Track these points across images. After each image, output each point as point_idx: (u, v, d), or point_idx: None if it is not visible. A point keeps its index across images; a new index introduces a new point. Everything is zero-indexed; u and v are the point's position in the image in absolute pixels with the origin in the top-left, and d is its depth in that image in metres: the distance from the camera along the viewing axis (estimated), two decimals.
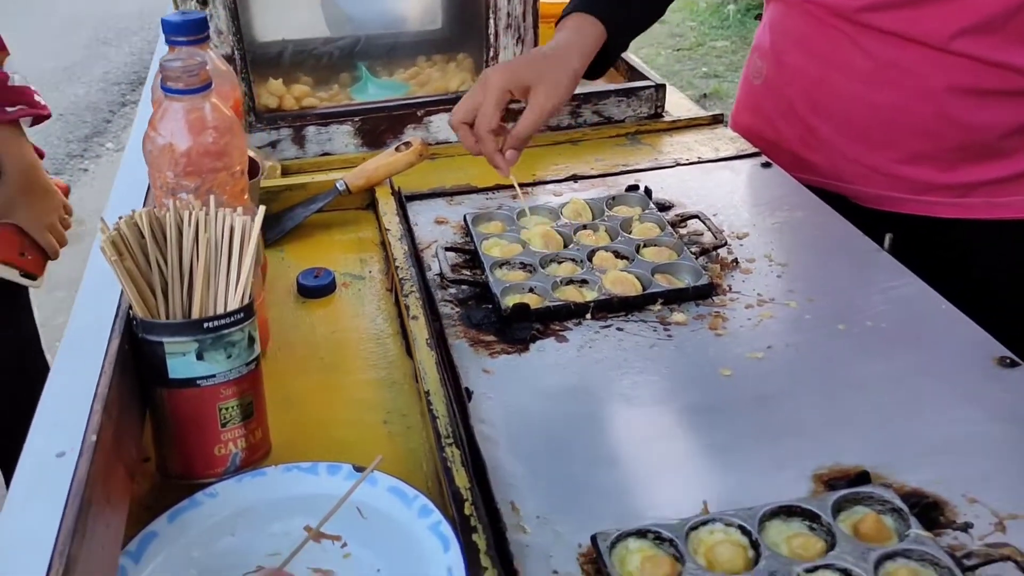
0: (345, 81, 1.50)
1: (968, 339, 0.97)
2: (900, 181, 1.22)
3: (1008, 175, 1.17)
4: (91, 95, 5.17)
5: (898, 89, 1.16)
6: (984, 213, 1.20)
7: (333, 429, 0.89)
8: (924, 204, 1.22)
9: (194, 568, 0.72)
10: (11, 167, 1.45)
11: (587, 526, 0.74)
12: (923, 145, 1.18)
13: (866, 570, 0.67)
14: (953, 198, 1.21)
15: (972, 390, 0.89)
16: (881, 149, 1.22)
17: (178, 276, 0.75)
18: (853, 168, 1.25)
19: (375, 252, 1.20)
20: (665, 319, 1.03)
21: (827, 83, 1.23)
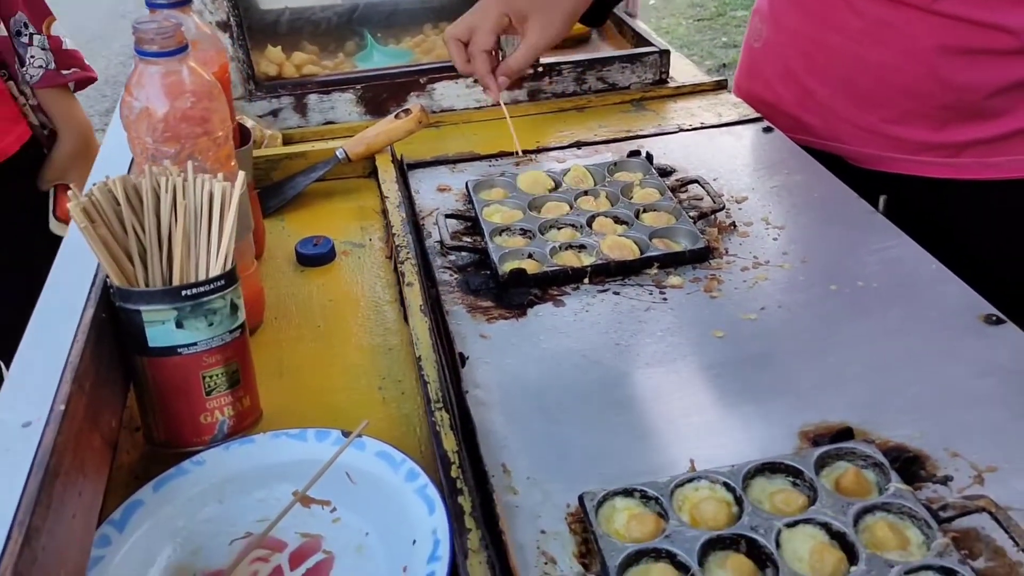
0: (350, 49, 1.45)
1: (956, 297, 0.92)
2: (893, 141, 1.17)
3: (998, 135, 1.12)
4: (110, 69, 5.05)
5: (889, 48, 1.11)
6: (975, 173, 1.15)
7: (327, 395, 0.85)
8: (917, 164, 1.17)
9: (179, 536, 0.69)
10: (68, 129, 1.47)
11: (576, 487, 0.71)
12: (913, 104, 1.13)
13: (845, 523, 0.64)
14: (945, 158, 1.15)
15: (958, 347, 0.85)
16: (874, 109, 1.17)
17: (156, 243, 0.70)
18: (848, 129, 1.20)
19: (376, 220, 1.16)
20: (661, 283, 0.98)
21: (822, 43, 1.18)
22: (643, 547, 0.64)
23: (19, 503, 0.49)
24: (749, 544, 0.64)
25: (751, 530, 0.64)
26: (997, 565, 0.62)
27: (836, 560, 0.62)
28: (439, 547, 0.62)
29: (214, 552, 0.68)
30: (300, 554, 0.68)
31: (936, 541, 0.61)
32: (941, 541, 0.61)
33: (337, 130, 1.33)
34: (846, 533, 0.63)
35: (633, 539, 0.65)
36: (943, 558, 0.60)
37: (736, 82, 1.41)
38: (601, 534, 0.65)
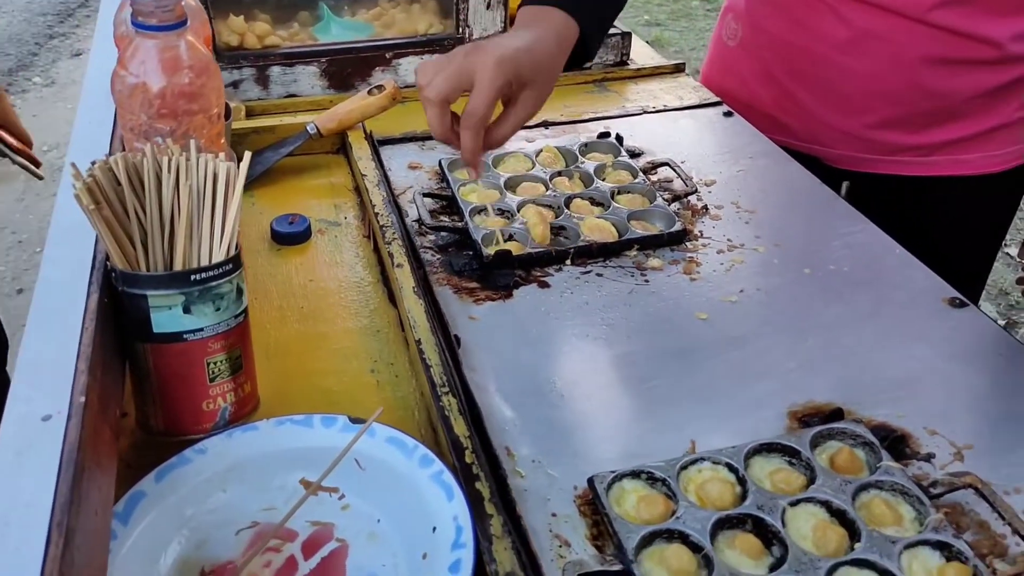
0: (306, 20, 1.40)
1: (921, 282, 0.96)
2: (872, 144, 1.21)
3: (970, 134, 1.17)
4: (13, 26, 4.78)
5: (874, 58, 1.13)
6: (948, 170, 1.20)
7: (319, 379, 0.83)
8: (892, 164, 1.22)
9: (186, 527, 0.66)
10: None
11: (580, 469, 0.72)
12: (895, 111, 1.17)
13: (845, 501, 0.67)
14: (919, 157, 1.20)
15: (927, 330, 0.89)
16: (856, 115, 1.19)
17: (158, 226, 0.67)
18: (828, 132, 1.23)
19: (349, 198, 1.13)
20: (641, 264, 0.99)
21: (806, 50, 1.19)
22: (657, 528, 0.65)
23: (54, 503, 0.46)
24: (755, 523, 0.66)
25: (757, 509, 0.66)
26: (983, 538, 0.65)
27: (839, 537, 0.64)
28: (462, 534, 0.62)
29: (221, 543, 0.66)
30: (312, 543, 0.66)
31: (931, 517, 0.65)
32: (936, 517, 0.64)
33: (300, 103, 1.29)
34: (846, 511, 0.66)
35: (643, 520, 0.66)
36: (939, 533, 0.63)
37: (705, 75, 1.42)
38: (615, 516, 0.66)
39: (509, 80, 0.80)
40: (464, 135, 0.81)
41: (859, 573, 0.62)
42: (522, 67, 0.81)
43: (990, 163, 1.19)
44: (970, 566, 0.61)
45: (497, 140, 0.85)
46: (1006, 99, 1.14)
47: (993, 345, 0.85)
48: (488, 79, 0.78)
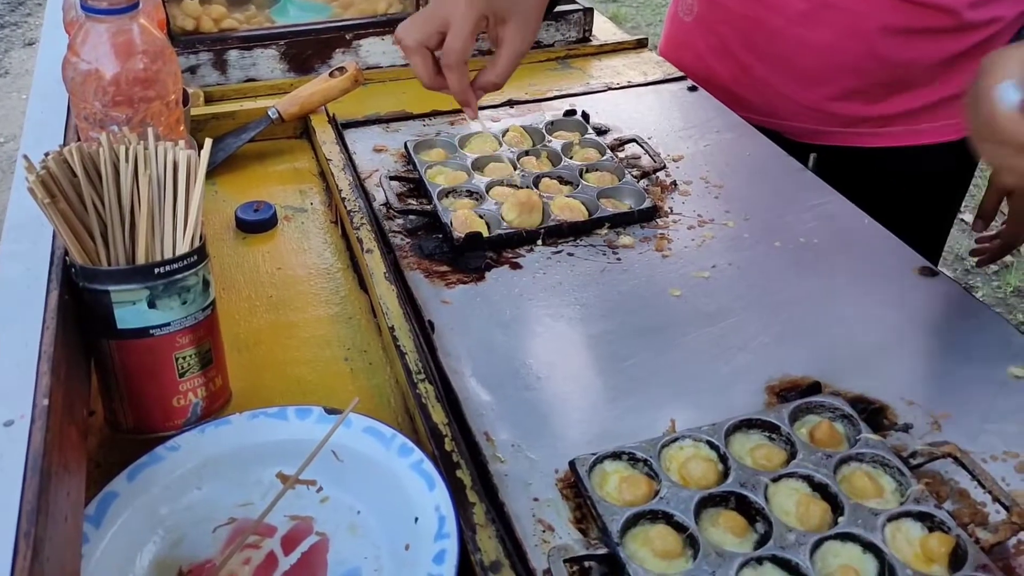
0: (262, 2, 1.36)
1: (890, 252, 0.96)
2: (830, 116, 1.20)
3: (927, 104, 1.18)
4: None
5: (831, 29, 1.13)
6: (905, 140, 1.20)
7: (292, 369, 0.81)
8: (851, 135, 1.22)
9: (161, 526, 0.64)
10: None
11: (560, 451, 0.70)
12: (854, 82, 1.16)
13: (827, 475, 0.66)
14: (876, 128, 1.20)
15: (898, 299, 0.88)
16: (814, 87, 1.19)
17: (118, 218, 0.64)
18: (786, 105, 1.22)
19: (314, 183, 1.10)
20: (613, 243, 0.98)
21: (762, 23, 1.17)
22: (641, 509, 0.64)
23: (19, 512, 0.44)
24: (739, 500, 0.65)
25: (740, 487, 0.66)
26: (963, 507, 0.65)
27: (822, 511, 0.64)
28: (445, 524, 0.60)
29: (198, 541, 0.64)
30: (292, 538, 0.65)
31: (911, 488, 0.64)
32: (916, 488, 0.64)
33: (260, 88, 1.25)
34: (828, 484, 0.66)
35: (626, 502, 0.65)
36: (920, 504, 0.63)
37: (662, 52, 1.41)
38: (598, 499, 0.65)
39: (483, 14, 0.80)
40: (447, 75, 0.81)
41: (843, 547, 0.61)
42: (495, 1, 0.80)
43: (946, 132, 1.19)
44: (952, 536, 0.61)
45: (493, 81, 0.85)
46: (962, 67, 1.14)
47: (965, 312, 0.86)
48: (460, 15, 0.78)
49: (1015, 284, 2.61)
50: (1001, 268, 2.66)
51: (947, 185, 1.27)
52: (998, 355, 0.79)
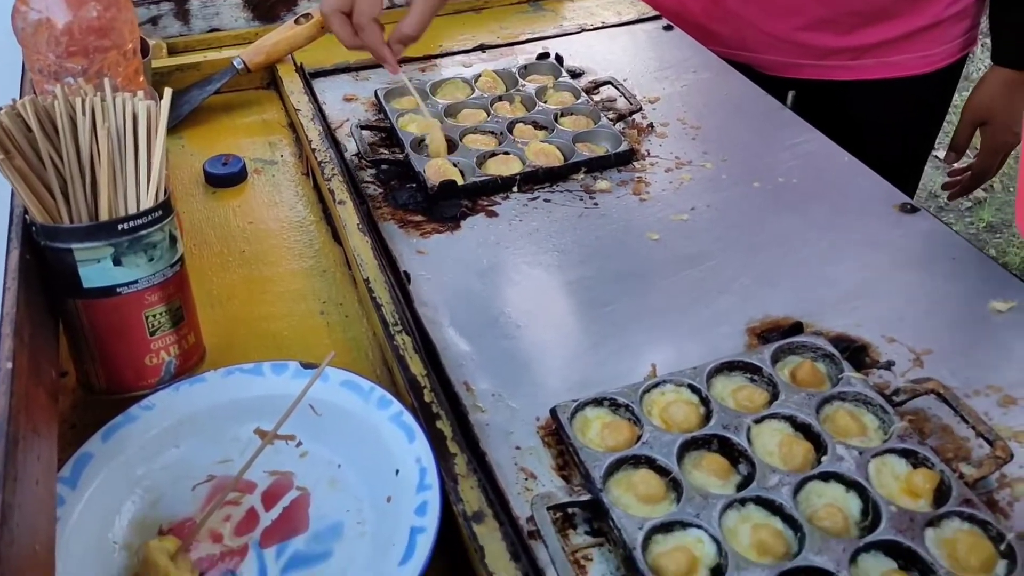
0: None
1: (870, 189, 0.95)
2: (801, 48, 1.18)
3: (897, 35, 1.16)
4: None
5: None
6: (876, 73, 1.18)
7: (267, 325, 0.79)
8: (823, 68, 1.20)
9: (139, 486, 0.63)
10: None
11: (541, 399, 0.69)
12: (824, 11, 1.14)
13: (809, 415, 0.66)
14: (848, 61, 1.18)
15: (879, 236, 0.87)
16: (784, 17, 1.17)
17: (78, 173, 0.61)
18: (757, 37, 1.20)
19: (284, 135, 1.07)
20: (590, 188, 0.96)
21: None
22: (623, 455, 0.63)
23: None
24: (721, 443, 0.65)
25: (723, 429, 0.65)
26: (946, 442, 0.65)
27: (805, 451, 0.63)
28: (426, 475, 0.59)
29: (177, 500, 0.63)
30: (272, 493, 0.63)
31: (895, 425, 0.64)
32: (900, 425, 0.64)
33: (224, 38, 1.21)
34: (811, 424, 0.65)
35: (608, 448, 0.65)
36: (904, 441, 0.63)
37: None
38: (580, 446, 0.64)
39: None
40: (360, 34, 0.85)
41: (827, 486, 0.61)
42: None
43: (919, 64, 1.17)
44: (937, 471, 0.60)
45: (407, 34, 0.86)
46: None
47: (945, 248, 0.85)
48: None
49: (987, 219, 2.62)
50: (974, 204, 2.67)
51: (921, 120, 1.25)
52: (979, 290, 0.79)
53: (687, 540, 0.58)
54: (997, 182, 2.72)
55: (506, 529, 0.57)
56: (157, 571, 0.54)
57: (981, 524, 0.58)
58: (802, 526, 0.58)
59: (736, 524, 0.59)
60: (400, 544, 0.56)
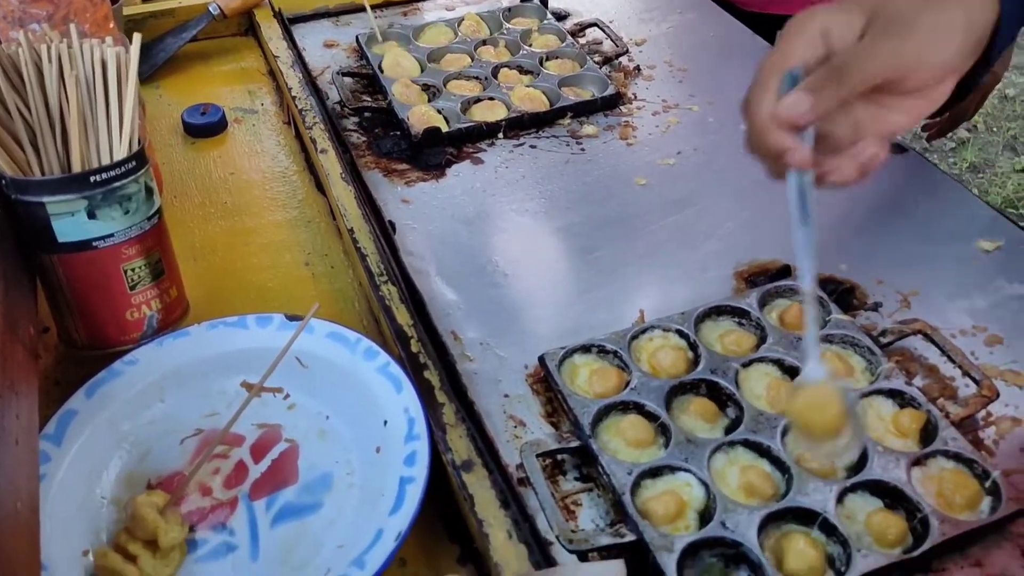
0: None
1: None
2: None
3: None
4: None
5: None
6: None
7: (251, 277, 0.77)
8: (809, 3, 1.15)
9: (126, 442, 0.61)
10: None
11: (529, 348, 0.68)
12: None
13: (797, 358, 0.65)
14: None
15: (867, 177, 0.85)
16: None
17: (47, 124, 0.59)
18: None
19: (263, 83, 1.04)
20: (576, 133, 0.94)
21: None
22: (612, 401, 0.62)
23: None
24: (709, 387, 0.64)
25: (711, 373, 0.64)
26: (933, 382, 0.64)
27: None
28: (415, 425, 0.58)
29: (165, 454, 0.62)
30: (261, 446, 0.62)
31: (882, 366, 0.63)
32: (887, 366, 0.63)
33: None
34: (798, 367, 0.64)
35: (597, 394, 0.64)
36: (891, 381, 0.62)
37: None
38: (569, 393, 0.63)
39: None
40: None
41: None
42: None
43: None
44: (923, 411, 0.60)
45: None
46: None
47: (934, 189, 0.83)
48: None
49: (971, 160, 2.60)
50: (958, 145, 2.65)
51: None
52: (966, 229, 0.78)
53: (676, 484, 0.58)
54: (980, 122, 2.69)
55: (495, 477, 0.56)
56: (146, 525, 0.53)
57: (967, 462, 0.57)
58: (790, 468, 0.57)
59: (724, 467, 0.59)
60: (390, 494, 0.55)
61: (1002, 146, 2.62)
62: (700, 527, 0.55)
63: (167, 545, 0.53)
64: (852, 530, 0.54)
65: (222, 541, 0.56)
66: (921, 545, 0.53)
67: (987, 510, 0.55)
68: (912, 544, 0.54)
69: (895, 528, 0.54)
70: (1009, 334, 0.68)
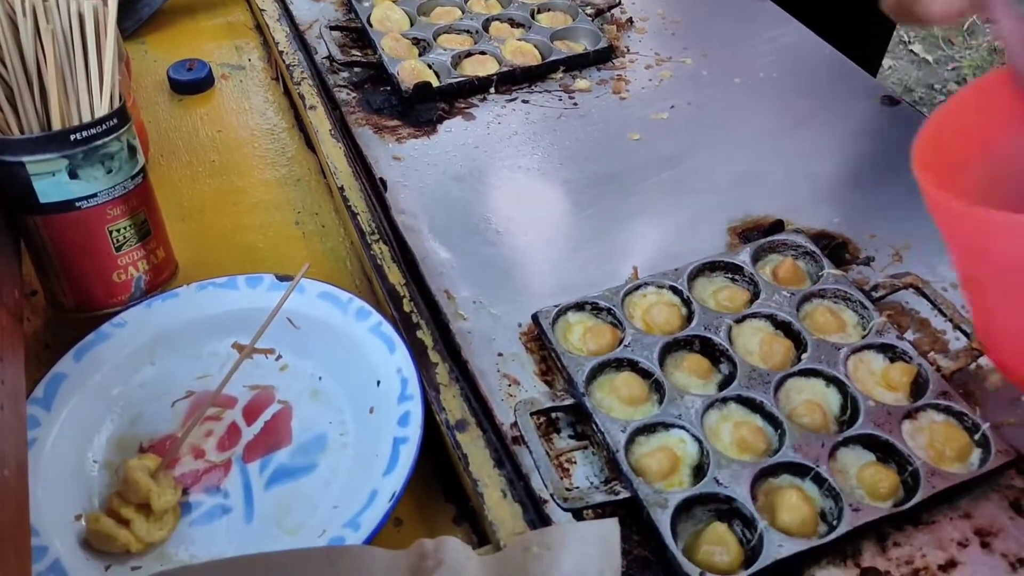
0: None
1: (852, 81, 0.91)
2: None
3: None
4: None
5: None
6: None
7: (241, 237, 0.75)
8: None
9: (115, 406, 0.60)
10: None
11: (522, 306, 0.67)
12: None
13: (790, 314, 0.63)
14: None
15: (860, 130, 0.84)
16: None
17: (24, 81, 0.56)
18: None
19: (251, 38, 1.00)
20: (569, 87, 0.91)
21: None
22: (606, 358, 0.61)
23: None
24: (703, 343, 0.63)
25: (704, 330, 0.63)
26: (924, 336, 0.63)
27: (785, 348, 0.62)
28: (408, 385, 0.57)
29: (157, 417, 0.60)
30: (254, 407, 0.61)
31: (874, 321, 0.62)
32: (879, 320, 0.62)
33: None
34: (791, 322, 0.63)
35: (591, 352, 0.62)
36: (883, 336, 0.61)
37: None
38: (563, 351, 0.62)
39: None
40: None
41: (807, 382, 0.59)
42: None
43: None
44: (914, 364, 0.59)
45: None
46: None
47: None
48: None
49: None
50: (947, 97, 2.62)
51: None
52: None
53: (670, 440, 0.57)
54: (970, 75, 2.66)
55: (489, 436, 0.55)
56: (139, 489, 0.52)
57: (957, 415, 0.57)
58: (782, 423, 0.57)
59: (717, 423, 0.58)
60: (384, 455, 0.54)
61: None
62: (694, 483, 0.54)
63: (160, 509, 0.52)
64: (845, 484, 0.54)
65: (216, 504, 0.55)
66: (912, 498, 0.52)
67: (977, 462, 0.55)
68: (903, 497, 0.53)
69: (887, 481, 0.54)
70: None
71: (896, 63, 2.73)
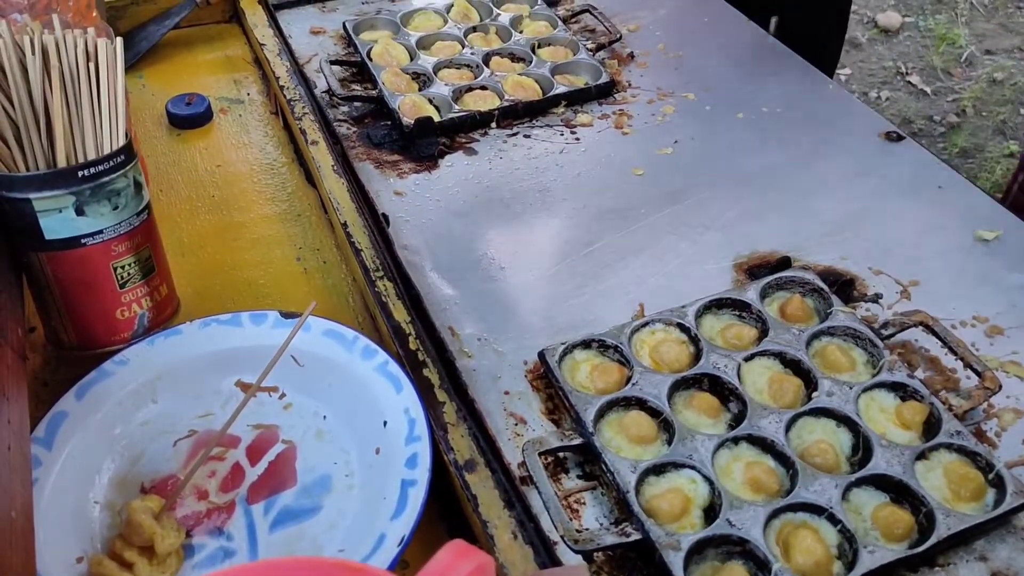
0: None
1: (856, 117, 0.93)
2: None
3: None
4: None
5: None
6: None
7: (242, 273, 0.76)
8: None
9: (117, 445, 0.61)
10: None
11: (527, 343, 0.68)
12: None
13: (799, 351, 0.65)
14: None
15: (864, 167, 0.86)
16: None
17: (32, 118, 0.57)
18: None
19: (249, 71, 1.02)
20: (570, 122, 0.93)
21: None
22: (614, 397, 0.62)
23: None
24: (711, 381, 0.64)
25: (713, 368, 0.64)
26: (935, 374, 0.65)
27: (795, 387, 0.63)
28: (415, 426, 0.58)
29: (159, 456, 0.61)
30: (257, 447, 0.62)
31: (883, 359, 0.63)
32: (890, 359, 0.63)
33: None
34: (801, 360, 0.64)
35: (598, 390, 0.64)
36: (893, 374, 0.62)
37: None
38: (570, 389, 0.63)
39: None
40: None
41: (817, 422, 0.61)
42: None
43: None
44: (926, 404, 0.60)
45: None
46: None
47: (931, 177, 0.83)
48: None
49: (960, 144, 2.61)
50: (948, 130, 2.66)
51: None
52: (965, 218, 0.78)
53: (680, 481, 0.58)
54: (970, 107, 2.71)
55: (498, 476, 0.56)
56: (142, 531, 0.53)
57: (970, 455, 0.58)
58: (794, 463, 0.58)
59: (729, 463, 0.59)
60: (391, 498, 0.55)
61: (991, 131, 2.64)
62: (705, 524, 0.55)
63: (164, 551, 0.52)
64: (859, 525, 0.55)
65: (219, 546, 0.56)
66: (927, 539, 0.53)
67: (991, 502, 0.56)
68: (918, 538, 0.54)
69: (902, 523, 0.54)
70: (1010, 325, 0.68)
71: (894, 94, 2.77)
